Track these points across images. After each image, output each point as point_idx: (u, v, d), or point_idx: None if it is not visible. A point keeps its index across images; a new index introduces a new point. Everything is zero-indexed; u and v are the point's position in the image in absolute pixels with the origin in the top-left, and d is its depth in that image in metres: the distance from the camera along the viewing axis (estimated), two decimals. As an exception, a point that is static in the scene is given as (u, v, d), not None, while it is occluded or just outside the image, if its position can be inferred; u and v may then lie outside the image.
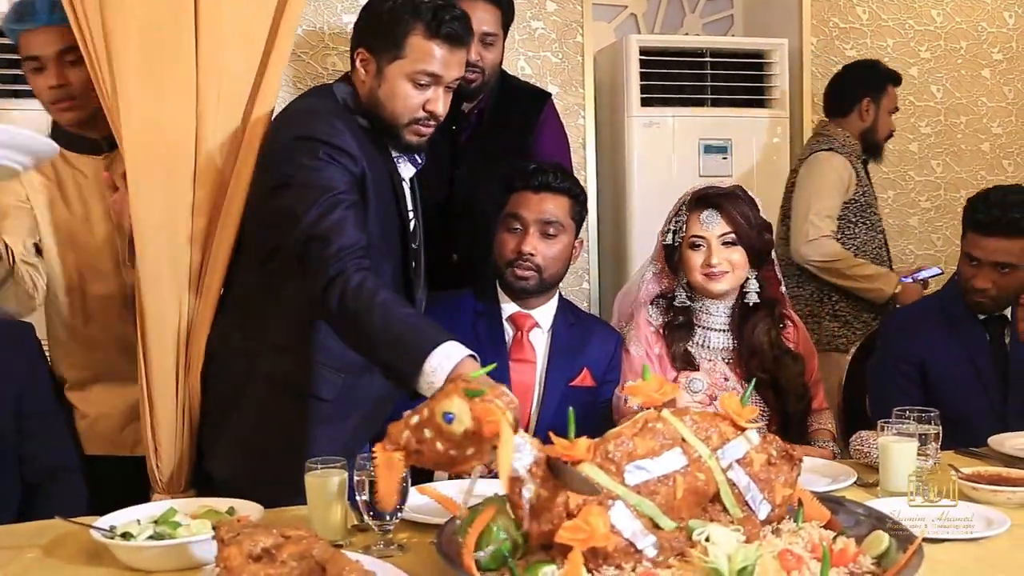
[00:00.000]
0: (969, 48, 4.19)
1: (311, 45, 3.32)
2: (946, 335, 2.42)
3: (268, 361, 1.91)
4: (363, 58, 1.90)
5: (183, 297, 1.98)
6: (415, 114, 1.88)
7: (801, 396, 2.28)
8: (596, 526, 1.25)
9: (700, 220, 2.25)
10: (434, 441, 1.30)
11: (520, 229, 2.20)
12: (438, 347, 1.53)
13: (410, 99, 1.87)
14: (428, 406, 1.30)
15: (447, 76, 1.88)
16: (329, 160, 1.77)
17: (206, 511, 1.61)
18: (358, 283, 1.64)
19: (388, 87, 1.87)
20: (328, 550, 1.27)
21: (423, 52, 1.85)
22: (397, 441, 1.31)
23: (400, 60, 1.86)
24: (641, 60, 3.62)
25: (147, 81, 1.91)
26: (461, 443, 1.30)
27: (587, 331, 2.31)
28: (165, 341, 1.96)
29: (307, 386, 1.89)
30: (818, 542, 1.36)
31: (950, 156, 4.20)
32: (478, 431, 1.27)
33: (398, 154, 1.96)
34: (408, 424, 1.31)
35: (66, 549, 1.56)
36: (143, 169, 1.92)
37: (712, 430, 1.42)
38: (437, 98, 1.88)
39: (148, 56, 1.91)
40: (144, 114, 1.91)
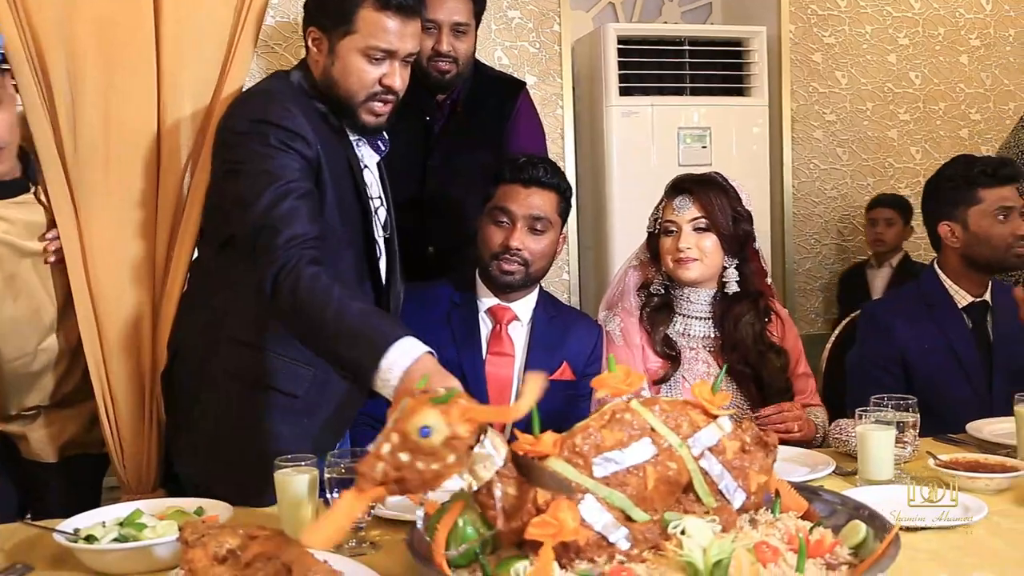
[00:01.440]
0: (947, 35, 4.18)
1: (283, 36, 3.28)
2: (926, 324, 2.40)
3: (227, 355, 1.86)
4: (315, 37, 1.85)
5: (142, 293, 1.94)
6: (371, 89, 1.82)
7: (784, 391, 2.26)
8: (565, 520, 1.22)
9: (674, 206, 2.24)
10: (414, 462, 1.20)
11: (507, 223, 2.17)
12: (395, 343, 1.47)
13: (365, 75, 1.81)
14: (395, 430, 1.21)
15: (402, 49, 1.82)
16: (282, 147, 1.72)
17: (173, 512, 1.58)
18: (311, 276, 1.59)
19: (341, 64, 1.81)
20: (295, 550, 1.24)
21: (375, 25, 1.79)
22: (374, 479, 1.19)
23: (351, 35, 1.80)
24: (619, 49, 3.60)
25: (105, 75, 1.87)
26: (441, 454, 1.22)
27: (567, 324, 2.28)
28: (125, 339, 1.92)
29: (271, 380, 1.84)
30: (795, 533, 1.34)
31: (929, 143, 4.20)
32: (455, 435, 1.22)
33: (358, 138, 1.91)
34: (380, 455, 1.20)
35: (30, 552, 1.53)
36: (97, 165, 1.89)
37: (682, 418, 1.40)
38: (393, 72, 1.83)
39: (106, 48, 1.87)
40: (102, 109, 1.87)
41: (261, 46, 3.21)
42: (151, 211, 1.95)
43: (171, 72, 1.93)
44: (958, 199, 2.42)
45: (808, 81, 4.01)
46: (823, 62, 4.03)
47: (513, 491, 1.27)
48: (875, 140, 4.12)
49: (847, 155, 4.10)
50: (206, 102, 1.97)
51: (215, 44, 1.98)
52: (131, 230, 1.93)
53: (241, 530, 1.29)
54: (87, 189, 1.90)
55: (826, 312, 4.12)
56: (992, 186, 2.37)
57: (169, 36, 1.92)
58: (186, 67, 1.94)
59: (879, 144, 4.13)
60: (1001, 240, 2.37)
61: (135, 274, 1.94)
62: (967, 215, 2.39)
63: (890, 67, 4.11)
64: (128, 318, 1.94)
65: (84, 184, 1.90)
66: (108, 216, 1.91)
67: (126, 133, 1.91)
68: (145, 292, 1.95)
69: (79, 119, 1.88)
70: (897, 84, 4.13)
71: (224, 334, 1.86)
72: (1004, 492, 1.74)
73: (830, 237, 4.09)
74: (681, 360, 2.26)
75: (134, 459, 1.99)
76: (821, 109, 4.05)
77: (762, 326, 2.28)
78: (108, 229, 1.91)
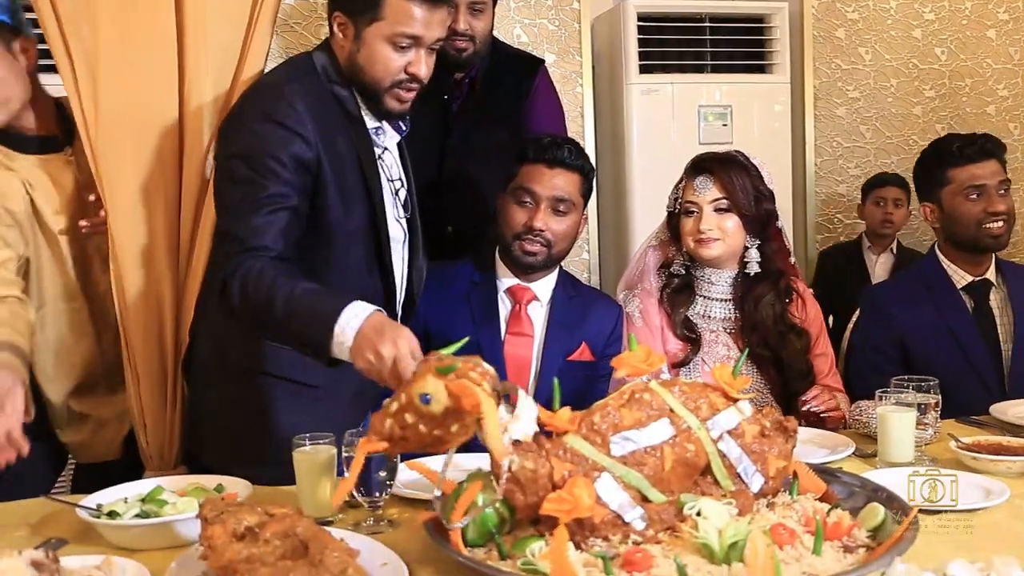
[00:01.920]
0: (974, 9, 4.11)
1: (303, 15, 3.27)
2: (926, 307, 2.37)
3: (245, 345, 1.86)
4: (340, 22, 1.83)
5: (166, 273, 1.95)
6: (396, 77, 1.81)
7: (804, 373, 2.24)
8: (581, 497, 1.23)
9: (694, 186, 2.22)
10: (417, 424, 1.28)
11: (531, 203, 2.16)
12: (344, 308, 1.52)
13: (391, 62, 1.80)
14: (404, 391, 1.29)
15: (428, 37, 1.80)
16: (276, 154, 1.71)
17: (194, 488, 1.60)
18: (258, 270, 1.62)
19: (367, 51, 1.80)
20: (311, 528, 1.25)
21: (402, 12, 1.77)
22: (381, 431, 1.30)
23: (378, 22, 1.78)
24: (639, 26, 3.56)
25: (126, 57, 1.87)
26: (443, 422, 1.28)
27: (587, 305, 2.27)
28: (147, 318, 1.93)
29: (288, 372, 1.84)
30: (812, 515, 1.34)
31: (955, 120, 4.13)
32: (457, 407, 1.25)
33: (377, 125, 1.90)
34: (388, 412, 1.29)
35: (54, 528, 1.55)
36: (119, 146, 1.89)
37: (702, 400, 1.40)
38: (419, 60, 1.81)
39: (127, 30, 1.87)
40: (124, 91, 1.88)
41: (280, 25, 3.20)
42: (175, 193, 1.96)
43: (193, 55, 1.92)
44: (933, 180, 2.41)
45: (831, 57, 3.96)
46: (846, 38, 3.97)
47: (531, 465, 1.28)
48: (899, 117, 4.07)
49: (871, 133, 4.05)
50: (227, 84, 1.97)
51: (234, 25, 1.97)
52: (155, 211, 1.93)
53: (259, 508, 1.30)
54: (110, 170, 1.90)
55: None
56: (961, 165, 2.35)
57: (190, 18, 1.92)
58: (208, 49, 1.94)
59: (903, 121, 4.08)
60: (972, 218, 2.34)
61: (159, 254, 1.95)
62: (940, 195, 2.39)
63: (915, 42, 4.05)
64: (151, 298, 1.95)
65: (107, 165, 1.90)
66: (131, 197, 1.92)
67: (148, 115, 1.92)
68: (169, 272, 1.96)
69: (101, 100, 1.88)
70: (922, 60, 4.07)
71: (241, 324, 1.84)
72: (1026, 475, 1.72)
73: (853, 216, 4.04)
74: (701, 343, 2.24)
75: (156, 436, 2.01)
76: (844, 86, 4.00)
77: (783, 307, 2.26)
78: (131, 209, 1.92)
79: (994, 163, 2.35)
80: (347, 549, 1.22)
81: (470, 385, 1.25)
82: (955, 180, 2.35)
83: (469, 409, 1.25)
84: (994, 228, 2.31)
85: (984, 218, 2.31)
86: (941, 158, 2.38)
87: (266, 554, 1.22)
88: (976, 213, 2.32)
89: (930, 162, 2.43)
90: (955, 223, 2.35)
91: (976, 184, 2.33)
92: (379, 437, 1.29)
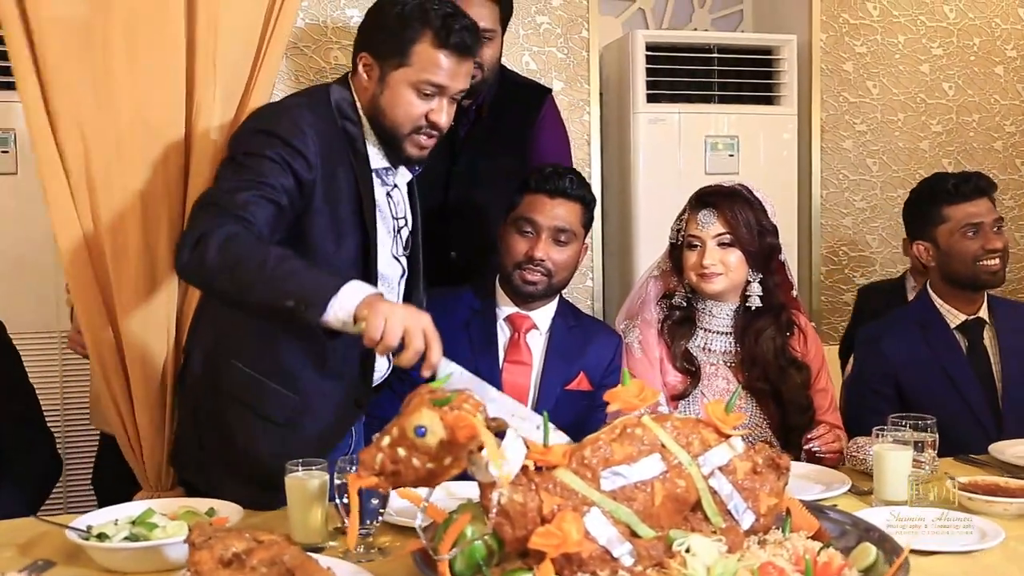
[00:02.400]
0: (982, 45, 4.12)
1: (313, 39, 3.30)
2: (920, 346, 2.38)
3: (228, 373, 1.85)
4: (366, 63, 1.84)
5: (165, 294, 1.95)
6: (416, 123, 1.82)
7: (804, 408, 2.23)
8: (569, 532, 1.22)
9: (698, 220, 2.22)
10: (410, 458, 1.26)
11: (531, 233, 2.16)
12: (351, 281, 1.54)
13: (413, 108, 1.81)
14: (397, 424, 1.27)
15: (453, 87, 1.82)
16: (277, 158, 1.72)
17: (185, 512, 1.60)
18: (243, 233, 1.60)
19: (391, 94, 1.81)
20: (298, 556, 1.25)
21: (429, 61, 1.78)
22: (372, 467, 1.27)
23: (405, 68, 1.79)
24: (647, 56, 3.57)
25: (132, 75, 1.88)
26: (438, 455, 1.26)
27: (587, 334, 2.27)
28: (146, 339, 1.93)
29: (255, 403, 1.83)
30: (802, 554, 1.33)
31: (962, 155, 4.13)
32: (453, 439, 1.25)
33: (387, 165, 1.91)
34: (380, 447, 1.27)
35: (42, 548, 1.55)
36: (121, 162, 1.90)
37: (694, 436, 1.39)
38: (441, 109, 1.82)
39: (136, 48, 1.88)
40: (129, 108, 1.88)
41: (290, 48, 3.23)
42: (178, 214, 1.96)
43: (203, 76, 1.93)
44: (927, 218, 2.42)
45: (839, 90, 3.97)
46: (854, 71, 3.98)
47: (520, 499, 1.28)
48: (906, 151, 4.07)
49: (877, 166, 4.05)
50: (235, 107, 1.98)
51: (245, 48, 1.98)
52: (157, 231, 1.93)
53: (247, 534, 1.30)
54: (112, 188, 1.91)
55: (853, 325, 4.06)
56: (957, 203, 2.36)
57: (201, 39, 1.93)
58: (218, 70, 1.94)
59: (910, 155, 4.08)
60: (969, 255, 2.35)
61: (160, 276, 1.95)
62: (936, 234, 2.40)
63: (923, 77, 4.06)
64: (150, 318, 1.94)
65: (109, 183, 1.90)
66: (134, 217, 1.92)
67: (153, 133, 1.92)
68: (167, 292, 1.96)
69: (104, 117, 1.89)
70: (930, 95, 4.08)
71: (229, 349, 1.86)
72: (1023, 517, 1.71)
73: (858, 249, 4.04)
74: (701, 376, 2.24)
75: (154, 457, 2.00)
76: (851, 119, 4.00)
77: (784, 340, 2.26)
78: (133, 229, 1.92)
79: (987, 201, 2.37)
80: (332, 578, 1.22)
81: (467, 415, 1.25)
82: (952, 218, 2.36)
83: (464, 441, 1.25)
84: (991, 265, 2.33)
85: (981, 255, 2.32)
86: (936, 196, 2.40)
87: (252, 581, 1.21)
88: (974, 250, 2.33)
89: (924, 200, 2.44)
90: (952, 260, 2.36)
91: (973, 222, 2.34)
92: (369, 472, 1.27)
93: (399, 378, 2.06)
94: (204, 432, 1.90)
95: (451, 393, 1.27)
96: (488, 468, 1.25)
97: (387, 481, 1.28)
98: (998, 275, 2.35)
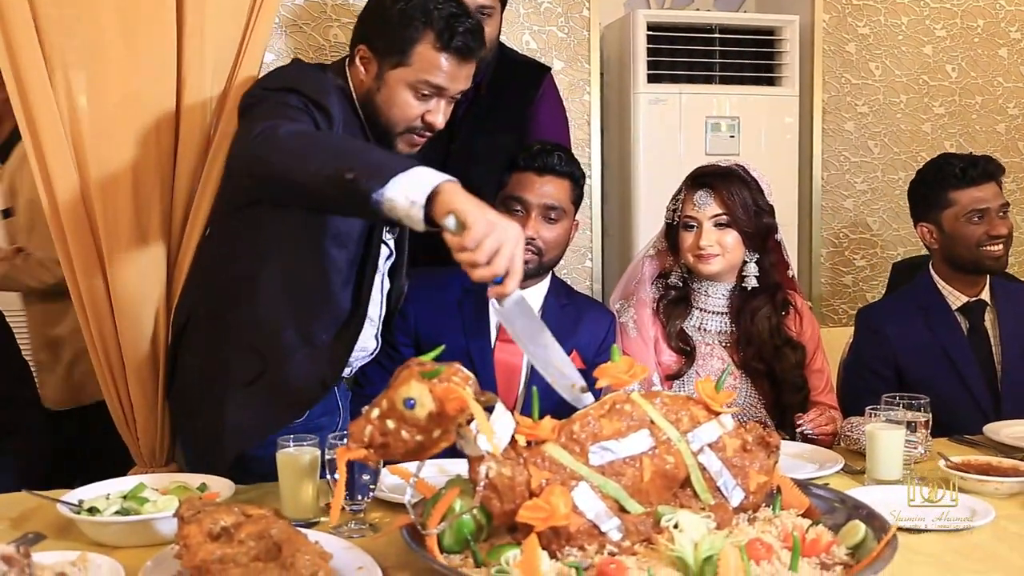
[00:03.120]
0: (986, 27, 4.08)
1: (312, 16, 3.28)
2: (921, 327, 2.37)
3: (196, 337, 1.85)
4: (363, 56, 1.81)
5: (158, 269, 1.95)
6: (412, 123, 1.80)
7: (798, 388, 2.24)
8: (557, 506, 1.23)
9: (694, 200, 2.21)
10: (399, 431, 1.26)
11: (521, 212, 2.16)
12: (422, 166, 1.42)
13: (409, 108, 1.79)
14: (386, 396, 1.27)
15: (452, 89, 1.80)
16: (303, 107, 1.67)
17: (176, 487, 1.60)
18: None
19: (387, 92, 1.79)
20: (286, 530, 1.25)
21: (430, 63, 1.76)
22: (361, 439, 1.27)
23: (404, 67, 1.76)
24: (648, 36, 3.55)
25: (126, 51, 1.88)
26: (426, 427, 1.27)
27: (579, 312, 2.26)
28: (137, 315, 1.94)
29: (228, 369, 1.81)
30: (791, 531, 1.33)
31: (964, 137, 4.11)
32: (442, 411, 1.25)
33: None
34: (369, 419, 1.27)
35: (35, 522, 1.56)
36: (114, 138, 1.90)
37: (683, 413, 1.39)
38: (438, 110, 1.80)
39: (128, 25, 1.88)
40: (122, 85, 1.89)
41: (289, 25, 3.22)
42: (168, 187, 1.96)
43: (192, 49, 1.93)
44: (932, 201, 2.41)
45: (840, 72, 3.94)
46: (856, 53, 3.95)
47: (508, 472, 1.28)
48: (908, 133, 4.04)
49: (879, 148, 4.03)
50: (225, 77, 1.98)
51: (234, 21, 1.98)
52: (149, 204, 1.93)
53: (236, 508, 1.30)
54: (103, 163, 1.91)
55: (852, 306, 4.06)
56: (963, 187, 2.35)
57: (190, 13, 1.92)
58: (206, 45, 1.94)
59: (912, 137, 4.05)
60: (974, 240, 2.35)
61: (152, 249, 1.95)
62: (941, 218, 2.39)
63: (926, 59, 4.03)
64: (142, 294, 1.95)
65: (99, 156, 1.91)
66: (125, 191, 1.92)
67: (145, 109, 1.92)
68: (159, 268, 1.96)
69: (97, 93, 1.89)
70: (932, 76, 4.05)
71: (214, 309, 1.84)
72: (1015, 496, 1.71)
73: (859, 231, 4.02)
74: (696, 355, 2.24)
75: (147, 433, 2.01)
76: (853, 100, 3.98)
77: (779, 320, 2.26)
78: (124, 203, 1.92)
79: (994, 185, 2.36)
80: (320, 552, 1.22)
81: (456, 388, 1.25)
82: (958, 203, 2.35)
83: (453, 413, 1.25)
84: (995, 250, 2.32)
85: (985, 241, 2.32)
86: (943, 179, 2.38)
87: (239, 554, 1.22)
88: (978, 235, 2.33)
89: (931, 183, 2.42)
90: (956, 244, 2.35)
91: (979, 208, 2.33)
92: (358, 445, 1.27)
93: (387, 354, 2.06)
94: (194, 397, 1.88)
95: (440, 366, 1.27)
96: (477, 441, 1.25)
97: (376, 454, 1.28)
98: (1001, 260, 2.35)
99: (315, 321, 1.81)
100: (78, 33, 1.87)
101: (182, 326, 1.89)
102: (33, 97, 1.86)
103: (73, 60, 1.88)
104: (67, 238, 1.92)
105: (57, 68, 1.87)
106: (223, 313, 1.82)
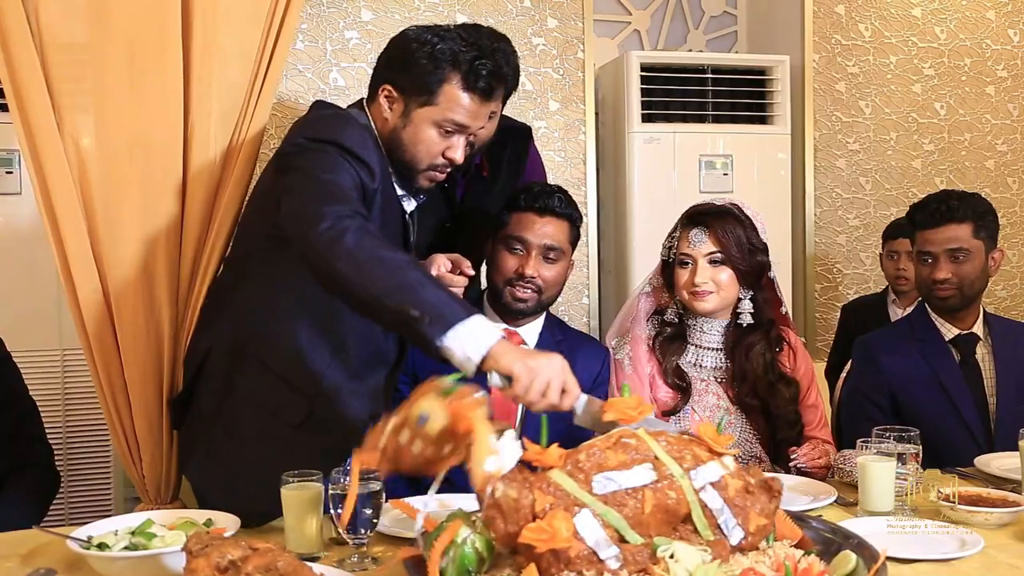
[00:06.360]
0: (973, 65, 4.18)
1: (313, 60, 3.35)
2: (915, 357, 2.42)
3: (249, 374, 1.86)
4: (388, 95, 1.88)
5: (165, 309, 1.99)
6: (434, 160, 1.88)
7: (793, 423, 2.27)
8: (559, 529, 1.27)
9: (689, 238, 2.25)
10: (411, 444, 1.35)
11: (521, 251, 2.21)
12: (479, 315, 1.53)
13: (433, 145, 1.86)
14: (404, 410, 1.35)
15: (473, 127, 1.88)
16: (347, 163, 1.73)
17: (183, 522, 1.63)
18: (376, 233, 1.62)
19: (413, 130, 1.86)
20: (292, 563, 1.29)
21: (455, 102, 1.84)
22: (376, 446, 1.35)
23: (430, 107, 1.84)
24: (642, 76, 3.63)
25: (132, 94, 1.94)
26: (437, 442, 1.35)
27: (574, 348, 2.29)
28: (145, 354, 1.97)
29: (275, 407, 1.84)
30: (783, 561, 1.36)
31: (954, 173, 4.18)
32: (453, 428, 1.32)
33: (403, 192, 1.95)
34: (386, 429, 1.35)
35: (44, 559, 1.59)
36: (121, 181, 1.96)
37: (687, 451, 1.42)
38: (459, 145, 1.88)
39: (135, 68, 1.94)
40: (129, 127, 1.94)
41: (289, 69, 3.29)
42: (176, 230, 2.01)
43: (199, 94, 1.98)
44: (912, 243, 2.49)
45: (831, 110, 4.02)
46: (847, 91, 4.04)
47: (514, 494, 1.32)
48: (899, 170, 4.12)
49: (870, 185, 4.10)
50: (233, 123, 2.03)
51: (241, 71, 2.03)
52: (157, 247, 1.98)
53: (243, 542, 1.33)
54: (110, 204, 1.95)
55: (847, 341, 4.09)
56: (919, 228, 2.42)
57: (196, 62, 1.98)
58: (213, 93, 2.00)
59: (903, 174, 4.13)
60: (921, 283, 2.44)
61: (158, 291, 1.99)
62: (915, 257, 2.47)
63: (915, 97, 4.11)
64: (151, 333, 1.99)
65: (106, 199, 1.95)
66: (133, 233, 1.97)
67: (151, 152, 1.97)
68: (168, 308, 2.00)
69: (104, 137, 1.94)
70: (922, 114, 4.13)
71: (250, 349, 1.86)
72: (1005, 527, 1.74)
73: (852, 267, 4.08)
74: (692, 392, 2.27)
75: (153, 470, 2.04)
76: (844, 138, 4.06)
77: (773, 356, 2.29)
78: (132, 245, 1.97)
79: (952, 228, 2.36)
80: (325, 584, 1.25)
81: (468, 408, 1.32)
82: (916, 243, 2.45)
83: (462, 433, 1.32)
84: (940, 293, 2.38)
85: (931, 283, 2.38)
86: (911, 219, 2.47)
87: (247, 587, 1.25)
88: (923, 277, 2.41)
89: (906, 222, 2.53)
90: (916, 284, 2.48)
91: (924, 250, 2.40)
92: (372, 449, 1.35)
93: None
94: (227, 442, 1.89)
95: (456, 385, 1.34)
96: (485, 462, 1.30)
97: (387, 463, 1.36)
98: (949, 301, 2.38)
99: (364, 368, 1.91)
100: (86, 78, 1.93)
101: (198, 366, 1.92)
102: (40, 141, 1.92)
103: (81, 104, 1.94)
104: (74, 280, 1.96)
105: (65, 113, 1.93)
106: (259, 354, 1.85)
